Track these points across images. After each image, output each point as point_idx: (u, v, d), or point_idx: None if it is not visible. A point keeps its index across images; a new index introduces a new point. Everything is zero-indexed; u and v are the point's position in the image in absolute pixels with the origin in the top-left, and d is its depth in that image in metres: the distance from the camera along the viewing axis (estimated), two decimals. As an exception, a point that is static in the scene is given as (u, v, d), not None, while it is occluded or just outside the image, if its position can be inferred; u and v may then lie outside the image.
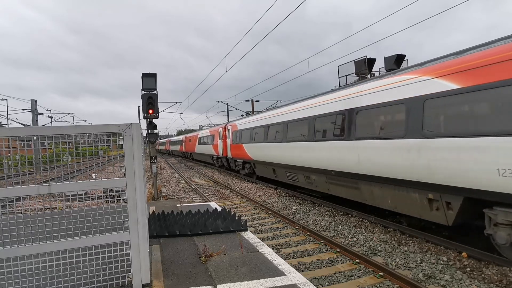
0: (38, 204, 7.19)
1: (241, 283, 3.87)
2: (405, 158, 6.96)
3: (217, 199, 13.80)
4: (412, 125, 6.82)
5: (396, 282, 5.30)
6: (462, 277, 5.36)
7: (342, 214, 10.14)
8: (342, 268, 6.04)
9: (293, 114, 12.70)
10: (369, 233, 7.97)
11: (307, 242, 7.73)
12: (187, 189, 17.19)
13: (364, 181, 8.58)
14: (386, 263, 6.12)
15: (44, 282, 3.31)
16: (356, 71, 10.84)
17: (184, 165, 36.51)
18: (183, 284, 3.87)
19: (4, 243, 3.17)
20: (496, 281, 5.18)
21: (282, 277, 4.03)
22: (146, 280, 3.77)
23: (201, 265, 4.51)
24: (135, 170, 3.61)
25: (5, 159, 4.65)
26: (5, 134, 3.30)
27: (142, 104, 11.11)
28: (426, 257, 6.27)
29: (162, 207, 8.64)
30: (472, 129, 5.62)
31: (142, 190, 3.67)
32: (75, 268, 3.40)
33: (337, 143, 9.53)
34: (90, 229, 3.47)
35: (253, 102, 33.20)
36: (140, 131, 3.81)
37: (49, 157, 3.47)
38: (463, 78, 5.79)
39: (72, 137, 3.56)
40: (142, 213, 3.65)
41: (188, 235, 5.99)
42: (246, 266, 4.44)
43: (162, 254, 4.98)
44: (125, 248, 3.65)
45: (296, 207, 11.38)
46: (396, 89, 7.33)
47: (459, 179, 5.81)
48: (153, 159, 12.50)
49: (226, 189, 16.87)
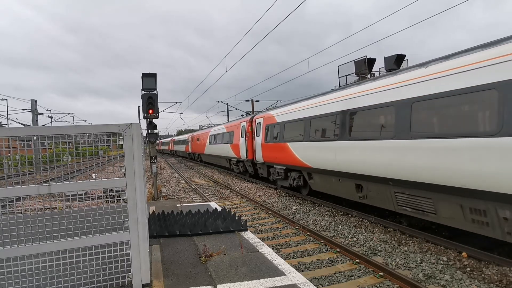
0: (38, 204, 7.20)
1: (241, 283, 3.87)
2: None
3: (217, 199, 13.80)
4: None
5: (396, 282, 5.30)
6: (462, 277, 5.36)
7: (342, 214, 10.14)
8: (342, 268, 6.04)
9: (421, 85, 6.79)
10: (369, 233, 7.97)
11: (307, 242, 7.73)
12: (187, 189, 17.19)
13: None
14: (386, 263, 6.12)
15: (44, 282, 3.31)
16: (356, 71, 10.85)
17: (184, 165, 36.51)
18: (183, 284, 3.87)
19: (4, 243, 3.17)
20: (496, 281, 5.18)
21: (282, 277, 4.03)
22: (146, 280, 3.77)
23: (201, 265, 4.51)
24: (135, 170, 3.61)
25: (5, 159, 4.66)
26: (5, 134, 3.30)
27: (142, 104, 11.11)
28: (426, 257, 6.26)
29: (162, 207, 8.63)
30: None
31: (142, 190, 3.67)
32: (75, 268, 3.40)
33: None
34: (90, 229, 3.47)
35: (253, 102, 33.21)
36: (140, 131, 3.81)
37: (49, 157, 3.47)
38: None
39: (72, 137, 3.56)
40: (142, 213, 3.65)
41: (188, 235, 5.99)
42: (246, 266, 4.44)
43: (162, 254, 4.98)
44: (125, 248, 3.65)
45: (296, 207, 11.37)
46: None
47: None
48: (153, 159, 12.50)
49: (226, 189, 16.87)
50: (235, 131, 20.56)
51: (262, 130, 15.79)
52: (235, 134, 20.39)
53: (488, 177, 5.39)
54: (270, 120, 14.95)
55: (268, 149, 14.97)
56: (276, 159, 14.18)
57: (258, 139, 16.30)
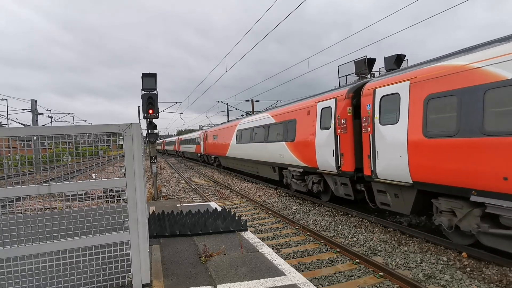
0: (38, 204, 7.20)
1: (241, 283, 3.87)
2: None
3: (217, 199, 13.80)
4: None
5: (396, 282, 5.30)
6: (462, 277, 5.37)
7: (342, 214, 10.14)
8: (342, 268, 6.05)
9: None
10: (369, 233, 7.97)
11: (307, 242, 7.73)
12: (187, 189, 17.19)
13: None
14: (386, 263, 6.12)
15: (44, 282, 3.31)
16: (356, 71, 10.86)
17: (184, 165, 36.51)
18: (183, 284, 3.87)
19: (4, 243, 3.17)
20: (496, 281, 5.18)
21: (282, 277, 4.03)
22: (146, 280, 3.77)
23: (201, 265, 4.51)
24: (135, 170, 3.61)
25: (5, 159, 4.66)
26: (5, 134, 3.30)
27: (142, 104, 11.12)
28: (426, 257, 6.27)
29: (162, 207, 8.64)
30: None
31: (142, 190, 3.67)
32: (75, 268, 3.40)
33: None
34: (90, 229, 3.47)
35: (253, 102, 33.23)
36: (140, 131, 3.81)
37: (49, 157, 3.47)
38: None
39: (72, 137, 3.56)
40: (142, 213, 3.65)
41: (188, 235, 5.99)
42: (246, 266, 4.44)
43: (162, 254, 4.98)
44: (125, 248, 3.65)
45: (296, 207, 11.38)
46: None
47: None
48: (153, 159, 12.51)
49: (226, 189, 16.87)
50: (301, 119, 11.84)
51: (416, 109, 6.94)
52: (302, 123, 11.74)
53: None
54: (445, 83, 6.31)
55: (443, 151, 6.31)
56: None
57: (399, 129, 7.33)
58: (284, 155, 13.02)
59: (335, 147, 9.61)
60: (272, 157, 14.37)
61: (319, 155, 10.45)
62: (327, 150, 9.98)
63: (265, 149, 15.22)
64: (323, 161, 10.20)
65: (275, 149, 13.95)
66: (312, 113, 10.96)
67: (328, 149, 9.92)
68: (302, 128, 11.68)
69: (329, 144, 9.87)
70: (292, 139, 12.42)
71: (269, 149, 14.66)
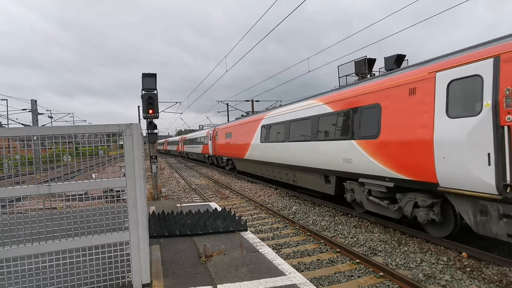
0: (38, 204, 7.20)
1: (241, 283, 3.87)
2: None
3: (217, 199, 13.80)
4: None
5: (396, 282, 5.30)
6: (462, 277, 5.37)
7: (342, 214, 10.14)
8: (342, 268, 6.05)
9: None
10: (369, 233, 7.97)
11: (307, 242, 7.73)
12: (187, 189, 17.19)
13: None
14: (386, 263, 6.12)
15: (44, 282, 3.31)
16: (356, 71, 10.85)
17: (184, 165, 36.51)
18: (183, 284, 3.87)
19: (4, 243, 3.17)
20: (496, 281, 5.18)
21: (282, 277, 4.03)
22: (146, 280, 3.77)
23: (201, 265, 4.51)
24: (135, 170, 3.61)
25: (5, 159, 4.66)
26: (5, 134, 3.30)
27: (142, 104, 11.13)
28: (426, 257, 6.27)
29: (162, 207, 8.64)
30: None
31: (142, 190, 3.67)
32: (75, 268, 3.40)
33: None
34: (90, 229, 3.47)
35: (253, 102, 33.22)
36: (140, 131, 3.81)
37: (49, 157, 3.47)
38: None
39: (72, 137, 3.56)
40: (142, 213, 3.65)
41: (188, 235, 5.99)
42: (246, 266, 4.44)
43: (162, 254, 4.98)
44: (125, 248, 3.65)
45: (296, 207, 11.38)
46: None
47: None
48: (153, 159, 12.51)
49: (226, 189, 16.86)
50: (393, 103, 7.65)
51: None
52: (396, 109, 7.57)
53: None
54: None
55: None
56: None
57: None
58: (353, 159, 8.96)
59: (496, 148, 5.38)
60: (327, 162, 10.23)
61: (444, 162, 6.28)
62: (470, 153, 5.80)
63: (313, 150, 11.06)
64: (456, 172, 6.06)
65: (335, 151, 9.82)
66: (423, 91, 6.83)
67: (473, 153, 5.75)
68: (396, 117, 7.51)
69: (478, 143, 5.69)
70: (372, 135, 8.23)
71: (322, 150, 10.51)
